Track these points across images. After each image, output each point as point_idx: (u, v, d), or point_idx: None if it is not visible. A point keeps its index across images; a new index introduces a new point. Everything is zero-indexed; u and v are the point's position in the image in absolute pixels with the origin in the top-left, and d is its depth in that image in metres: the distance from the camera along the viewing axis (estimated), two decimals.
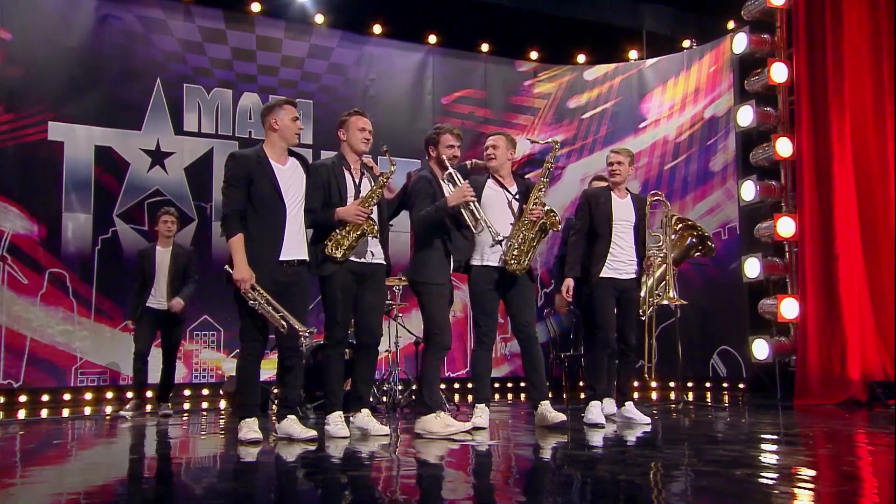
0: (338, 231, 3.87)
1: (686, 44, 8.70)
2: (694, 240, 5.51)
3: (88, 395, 6.62)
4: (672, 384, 8.34)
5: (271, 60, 7.65)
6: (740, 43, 6.55)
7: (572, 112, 8.98)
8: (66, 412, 6.37)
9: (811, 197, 6.03)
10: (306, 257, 3.88)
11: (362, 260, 3.96)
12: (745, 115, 6.41)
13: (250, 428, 3.73)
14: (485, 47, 8.67)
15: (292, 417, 3.82)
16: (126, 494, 2.82)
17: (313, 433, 3.80)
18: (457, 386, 8.23)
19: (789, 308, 6.03)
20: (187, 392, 7.09)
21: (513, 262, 4.17)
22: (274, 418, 4.92)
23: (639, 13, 8.79)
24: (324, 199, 3.92)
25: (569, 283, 4.52)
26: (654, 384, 5.38)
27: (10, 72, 6.68)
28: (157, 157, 7.08)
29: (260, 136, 7.46)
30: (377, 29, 8.15)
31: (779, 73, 6.27)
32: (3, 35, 6.69)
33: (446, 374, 8.19)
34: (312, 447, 3.63)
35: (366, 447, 3.68)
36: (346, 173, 4.00)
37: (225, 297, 4.18)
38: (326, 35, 7.93)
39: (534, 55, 8.93)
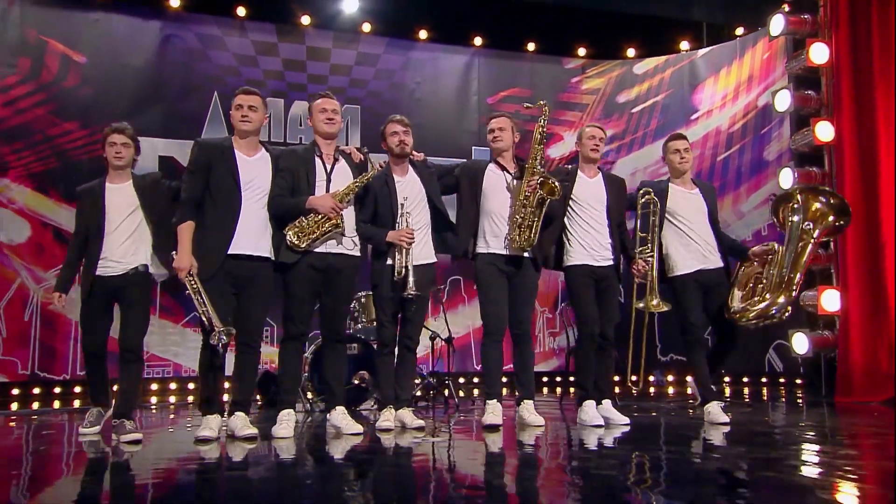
0: (304, 219, 3.66)
1: (739, 31, 8.19)
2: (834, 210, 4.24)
3: (154, 386, 6.93)
4: (728, 379, 7.90)
5: (321, 69, 7.77)
6: (777, 25, 6.08)
7: (622, 106, 8.64)
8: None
9: (853, 182, 5.54)
10: (267, 254, 3.68)
11: (330, 250, 3.75)
12: (783, 100, 5.95)
13: (206, 425, 3.60)
14: (531, 46, 8.48)
15: (240, 415, 3.65)
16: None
17: (254, 431, 3.61)
18: (504, 380, 8.08)
19: (830, 300, 5.55)
20: None
21: (517, 242, 3.94)
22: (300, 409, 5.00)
23: (689, 3, 8.34)
24: (291, 185, 3.72)
25: None
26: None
27: (85, 91, 7.10)
28: None
29: (310, 140, 7.67)
30: (423, 34, 8.12)
31: (818, 53, 5.79)
32: (78, 59, 7.12)
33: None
34: (252, 445, 3.48)
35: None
36: (318, 160, 3.81)
37: (277, 293, 3.90)
38: (373, 43, 7.97)
39: (581, 52, 8.64)
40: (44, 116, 6.95)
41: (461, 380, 7.82)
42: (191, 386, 7.00)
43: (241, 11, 7.54)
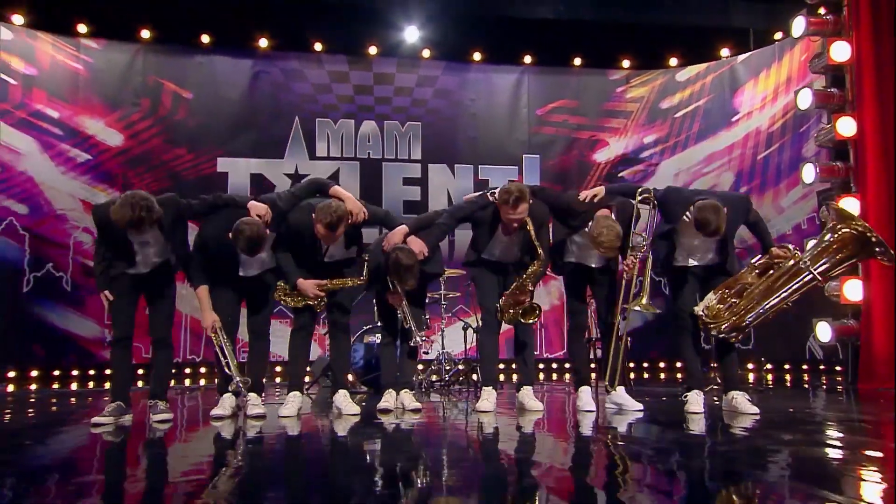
0: (287, 288, 3.76)
1: (778, 35, 7.68)
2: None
3: (246, 369, 7.32)
4: (770, 366, 7.44)
5: (386, 92, 7.95)
6: (798, 26, 5.67)
7: (665, 112, 8.32)
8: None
9: (877, 176, 5.11)
10: (269, 267, 3.78)
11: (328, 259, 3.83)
12: (805, 98, 5.54)
13: (222, 405, 3.76)
14: (577, 61, 8.31)
15: (252, 395, 3.79)
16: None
17: (262, 411, 3.72)
18: (555, 366, 7.98)
19: (853, 290, 5.12)
20: None
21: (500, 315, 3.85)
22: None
23: (729, 11, 7.91)
24: (291, 245, 3.75)
25: None
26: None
27: (191, 122, 7.62)
28: (296, 179, 7.63)
29: (377, 155, 7.89)
30: (477, 56, 8.15)
31: (840, 52, 5.36)
32: (186, 95, 7.65)
33: (543, 356, 7.98)
34: (260, 422, 3.59)
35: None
36: (317, 240, 3.71)
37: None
38: (433, 66, 8.08)
39: (626, 63, 8.39)
40: (159, 145, 7.52)
41: (501, 366, 7.78)
42: (277, 369, 7.36)
43: (317, 46, 7.85)
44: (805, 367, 7.06)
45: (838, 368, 6.57)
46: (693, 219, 3.53)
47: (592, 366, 4.54)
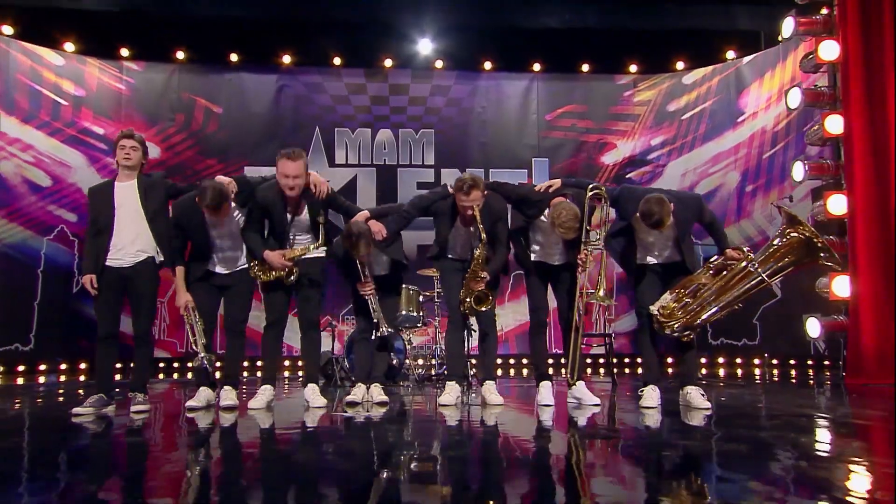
0: (261, 264, 3.80)
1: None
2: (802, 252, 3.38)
3: None
4: (776, 361, 7.24)
5: (400, 102, 8.07)
6: (788, 27, 5.53)
7: (672, 114, 8.19)
8: (257, 374, 7.39)
9: (864, 173, 4.95)
10: (241, 266, 3.86)
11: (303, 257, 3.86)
12: (794, 97, 5.40)
13: (197, 397, 3.82)
14: (585, 67, 8.26)
15: (227, 388, 3.84)
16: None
17: (235, 402, 3.77)
18: (550, 361, 7.91)
19: (841, 285, 4.97)
20: None
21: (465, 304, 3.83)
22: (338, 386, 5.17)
23: (733, 14, 7.74)
24: (260, 222, 3.82)
25: None
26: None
27: (221, 135, 7.90)
28: None
29: (392, 162, 8.01)
30: (487, 65, 8.19)
31: (828, 50, 5.20)
32: (216, 110, 7.94)
33: (553, 351, 7.93)
34: (232, 413, 3.63)
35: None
36: (285, 211, 3.77)
37: None
38: (445, 76, 8.15)
39: (633, 68, 8.29)
40: (192, 156, 7.82)
41: (524, 360, 7.79)
42: (298, 363, 7.54)
43: (337, 61, 8.03)
44: (810, 362, 6.85)
45: (841, 363, 6.36)
46: (639, 211, 3.52)
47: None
